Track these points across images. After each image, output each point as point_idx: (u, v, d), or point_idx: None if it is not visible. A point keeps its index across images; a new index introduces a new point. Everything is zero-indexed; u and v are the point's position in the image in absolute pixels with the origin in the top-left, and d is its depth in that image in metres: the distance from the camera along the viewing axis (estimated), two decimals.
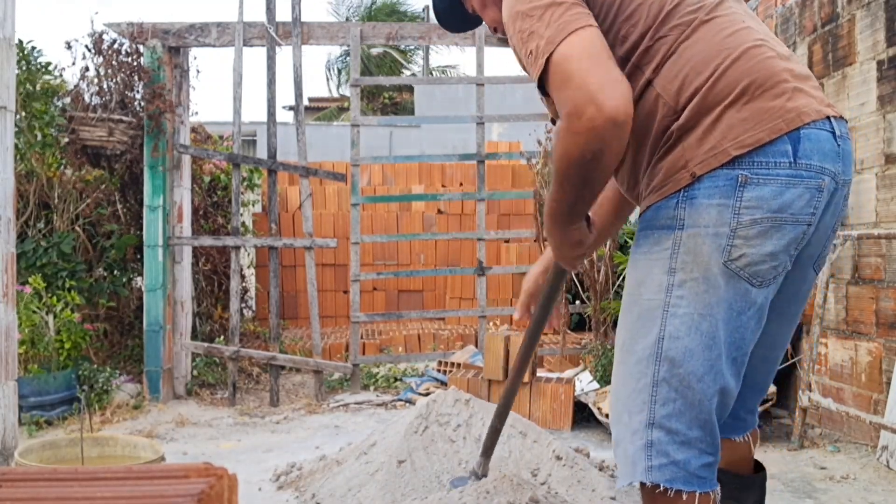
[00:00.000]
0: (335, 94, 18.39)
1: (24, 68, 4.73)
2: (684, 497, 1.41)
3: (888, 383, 3.25)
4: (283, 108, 17.31)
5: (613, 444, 1.53)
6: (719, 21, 1.44)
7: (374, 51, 16.73)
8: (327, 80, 18.79)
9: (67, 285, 4.53)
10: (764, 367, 1.66)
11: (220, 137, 6.46)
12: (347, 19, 17.67)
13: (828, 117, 1.41)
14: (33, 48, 4.81)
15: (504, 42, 4.94)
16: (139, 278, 5.08)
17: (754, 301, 1.40)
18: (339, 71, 18.15)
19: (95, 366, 4.40)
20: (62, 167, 5.05)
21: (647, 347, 1.43)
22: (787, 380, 4.00)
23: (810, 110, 1.39)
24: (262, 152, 11.03)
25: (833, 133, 1.42)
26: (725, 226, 1.36)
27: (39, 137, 4.83)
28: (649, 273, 1.44)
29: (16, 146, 4.05)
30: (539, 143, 5.02)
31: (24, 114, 4.74)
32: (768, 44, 1.45)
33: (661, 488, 1.41)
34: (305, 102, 9.48)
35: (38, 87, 4.84)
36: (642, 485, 1.45)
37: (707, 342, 1.39)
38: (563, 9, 1.36)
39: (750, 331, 1.43)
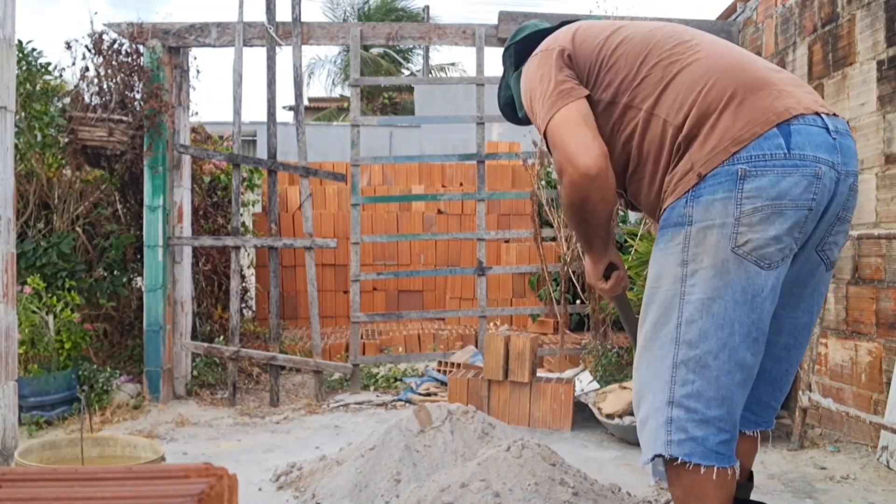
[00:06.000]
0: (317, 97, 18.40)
1: (24, 69, 4.73)
2: (702, 471, 1.54)
3: (888, 383, 3.25)
4: (283, 108, 17.31)
5: (638, 423, 1.66)
6: (705, 49, 1.66)
7: (374, 51, 16.71)
8: (330, 77, 18.77)
9: (67, 285, 4.53)
10: (772, 354, 1.73)
11: (220, 137, 6.46)
12: (345, 19, 17.66)
13: (818, 113, 1.55)
14: (33, 49, 4.81)
15: (504, 43, 4.94)
16: (139, 278, 5.07)
17: (766, 283, 1.54)
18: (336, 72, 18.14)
19: (95, 366, 4.39)
20: (62, 167, 5.05)
21: (667, 333, 1.58)
22: None
23: (798, 106, 1.54)
24: (262, 152, 11.03)
25: (826, 128, 1.55)
26: (730, 216, 1.51)
27: (39, 138, 4.83)
28: (665, 267, 1.61)
29: (16, 146, 4.05)
30: (535, 144, 5.02)
31: (24, 114, 4.74)
32: (756, 62, 1.65)
33: (680, 461, 1.55)
34: (305, 102, 9.47)
35: (38, 88, 4.83)
36: (665, 460, 1.58)
37: (719, 322, 1.53)
38: (552, 89, 1.70)
39: (766, 312, 1.56)
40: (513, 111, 2.07)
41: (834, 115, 1.59)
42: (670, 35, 1.71)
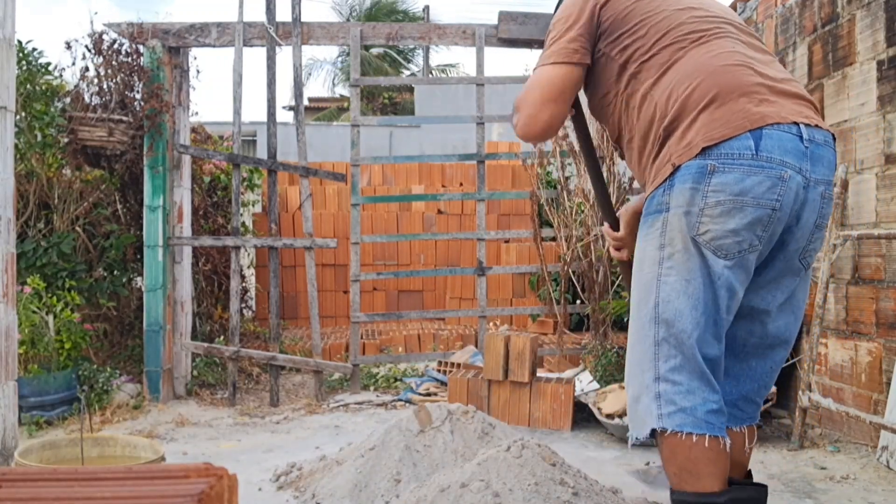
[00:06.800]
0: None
1: (24, 69, 4.73)
2: (694, 439, 1.61)
3: (888, 383, 3.25)
4: (283, 108, 17.31)
5: (630, 402, 1.75)
6: (711, 45, 1.73)
7: (374, 51, 16.72)
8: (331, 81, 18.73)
9: (67, 285, 4.53)
10: (756, 353, 1.82)
11: (220, 137, 6.46)
12: (348, 19, 17.67)
13: (796, 123, 1.64)
14: (34, 49, 4.81)
15: (504, 43, 4.94)
16: (139, 278, 5.07)
17: (722, 272, 1.64)
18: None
19: (95, 366, 4.39)
20: (62, 167, 5.04)
21: (647, 313, 1.69)
22: (787, 380, 4.00)
23: (775, 115, 1.63)
24: (262, 152, 11.03)
25: (799, 136, 1.64)
26: (695, 206, 1.63)
27: (39, 138, 4.82)
28: (646, 251, 1.72)
29: (16, 146, 4.05)
30: (534, 143, 5.02)
31: (24, 114, 4.74)
32: (751, 64, 1.71)
33: (671, 432, 1.62)
34: (305, 102, 9.46)
35: (38, 88, 4.83)
36: (660, 434, 1.65)
37: (693, 303, 1.65)
38: (562, 38, 1.81)
39: (722, 298, 1.66)
40: None
41: (817, 126, 1.68)
42: (696, 17, 1.77)
